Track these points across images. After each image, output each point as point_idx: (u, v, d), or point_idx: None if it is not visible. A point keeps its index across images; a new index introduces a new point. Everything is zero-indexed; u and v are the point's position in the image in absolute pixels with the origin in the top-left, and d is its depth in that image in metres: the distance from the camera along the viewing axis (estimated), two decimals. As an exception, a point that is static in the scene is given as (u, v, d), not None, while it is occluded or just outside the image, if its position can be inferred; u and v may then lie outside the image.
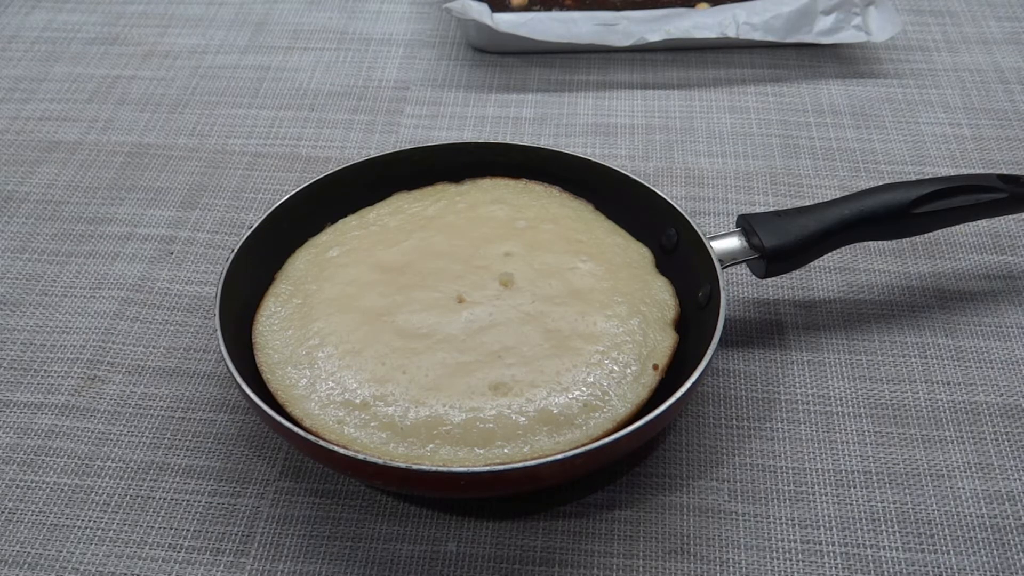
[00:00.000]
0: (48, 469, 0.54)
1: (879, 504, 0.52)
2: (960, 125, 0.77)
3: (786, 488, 0.52)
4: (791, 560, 0.49)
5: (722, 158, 0.74)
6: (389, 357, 0.52)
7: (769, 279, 0.60)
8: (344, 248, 0.58)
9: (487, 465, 0.47)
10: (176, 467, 0.54)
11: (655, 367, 0.52)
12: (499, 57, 0.84)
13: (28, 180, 0.72)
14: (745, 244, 0.57)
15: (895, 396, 0.57)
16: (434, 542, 0.50)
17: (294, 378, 0.51)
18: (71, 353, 0.60)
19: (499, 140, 0.71)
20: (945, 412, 0.56)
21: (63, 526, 0.51)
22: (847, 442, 0.54)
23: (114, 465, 0.54)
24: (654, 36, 0.81)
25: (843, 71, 0.83)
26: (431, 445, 0.48)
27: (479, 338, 0.52)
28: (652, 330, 0.54)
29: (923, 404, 0.56)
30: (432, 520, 0.51)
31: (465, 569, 0.49)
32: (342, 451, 0.46)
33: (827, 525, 0.51)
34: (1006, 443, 0.54)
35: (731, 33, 0.80)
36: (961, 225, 0.65)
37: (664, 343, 0.53)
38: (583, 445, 0.47)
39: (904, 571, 0.49)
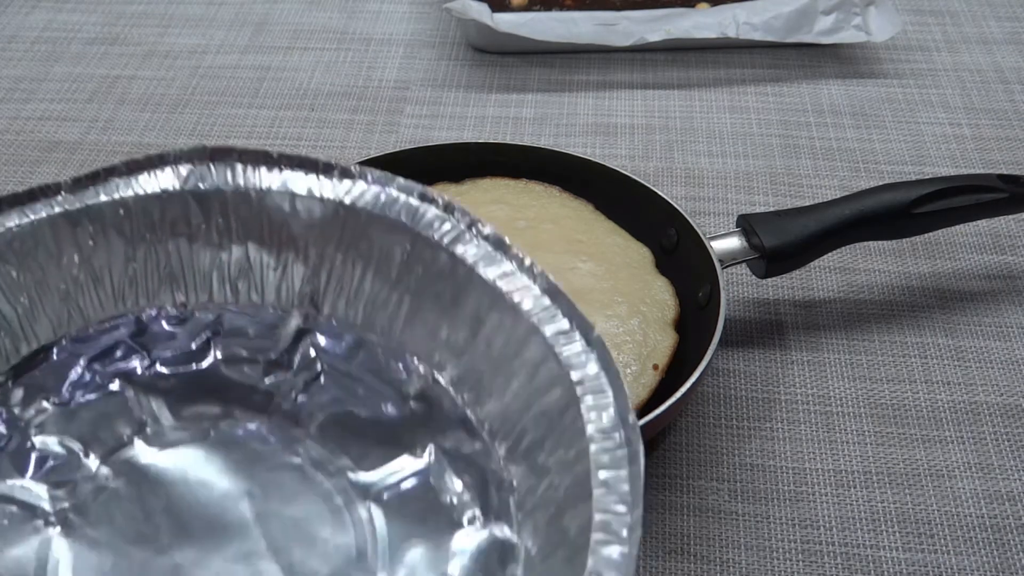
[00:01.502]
0: (48, 469, 0.54)
1: (879, 504, 0.52)
2: (960, 125, 0.77)
3: (786, 488, 0.52)
4: (791, 560, 0.49)
5: (722, 158, 0.74)
6: (389, 357, 0.52)
7: (769, 279, 0.60)
8: (344, 248, 0.58)
9: (487, 465, 0.47)
10: (176, 467, 0.54)
11: (655, 367, 0.52)
12: (499, 57, 0.84)
13: (28, 180, 0.72)
14: (745, 244, 0.57)
15: (895, 396, 0.57)
16: (434, 542, 0.50)
17: (294, 378, 0.51)
18: (71, 353, 0.60)
19: (499, 140, 0.71)
20: (945, 412, 0.56)
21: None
22: (847, 442, 0.54)
23: (114, 465, 0.54)
24: (654, 36, 0.81)
25: (843, 71, 0.83)
26: (431, 445, 0.48)
27: (479, 338, 0.52)
28: (652, 330, 0.54)
29: (923, 404, 0.56)
30: (432, 520, 0.51)
31: (465, 569, 0.49)
32: (342, 451, 0.46)
33: (827, 525, 0.51)
34: (1006, 443, 0.54)
35: (731, 33, 0.80)
36: (961, 225, 0.65)
37: (664, 343, 0.53)
38: (583, 445, 0.47)
39: (904, 571, 0.49)
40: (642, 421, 0.47)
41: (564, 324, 0.38)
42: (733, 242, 0.57)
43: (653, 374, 0.52)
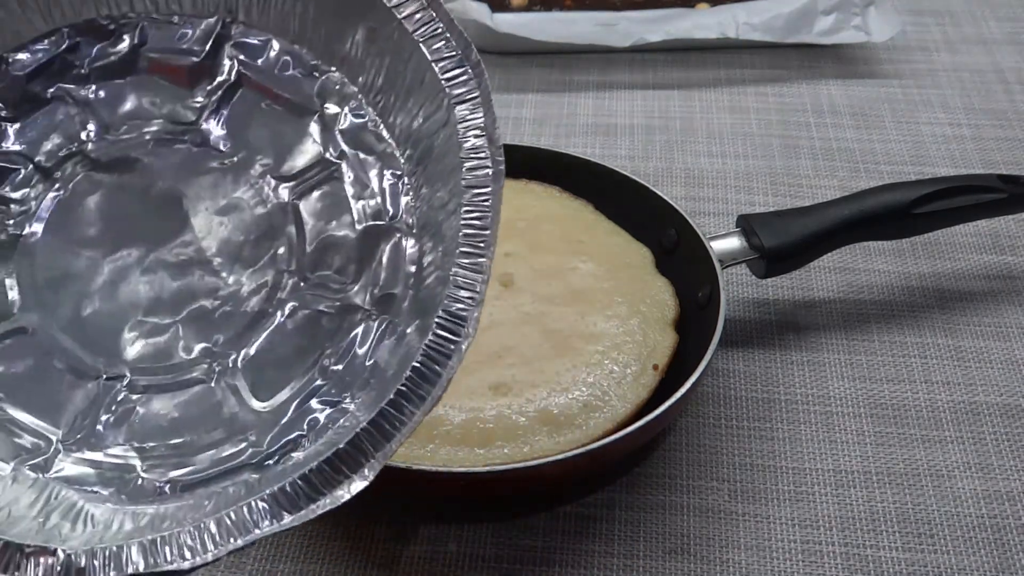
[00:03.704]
0: (48, 469, 0.54)
1: (879, 504, 0.52)
2: (960, 125, 0.77)
3: (786, 488, 0.52)
4: (791, 560, 0.49)
5: (722, 158, 0.74)
6: (389, 357, 0.52)
7: (769, 279, 0.60)
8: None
9: (487, 465, 0.47)
10: (176, 467, 0.54)
11: (655, 367, 0.52)
12: (499, 57, 0.84)
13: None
14: (745, 244, 0.57)
15: (895, 396, 0.57)
16: (434, 542, 0.50)
17: (294, 378, 0.51)
18: (71, 353, 0.60)
19: (499, 140, 0.71)
20: (945, 412, 0.56)
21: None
22: (847, 442, 0.54)
23: (114, 465, 0.54)
24: (654, 36, 0.81)
25: (843, 71, 0.83)
26: (431, 445, 0.48)
27: (479, 338, 0.52)
28: (652, 330, 0.54)
29: (923, 404, 0.56)
30: (432, 520, 0.51)
31: (465, 569, 0.49)
32: (342, 451, 0.46)
33: (827, 525, 0.51)
34: (1006, 443, 0.54)
35: (731, 33, 0.80)
36: (961, 225, 0.65)
37: (664, 343, 0.53)
38: (583, 445, 0.47)
39: (904, 571, 0.49)
40: (642, 421, 0.47)
41: (442, 42, 0.42)
42: (733, 242, 0.57)
43: (653, 374, 0.52)
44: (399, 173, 0.45)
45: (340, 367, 0.43)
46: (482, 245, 0.39)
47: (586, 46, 0.82)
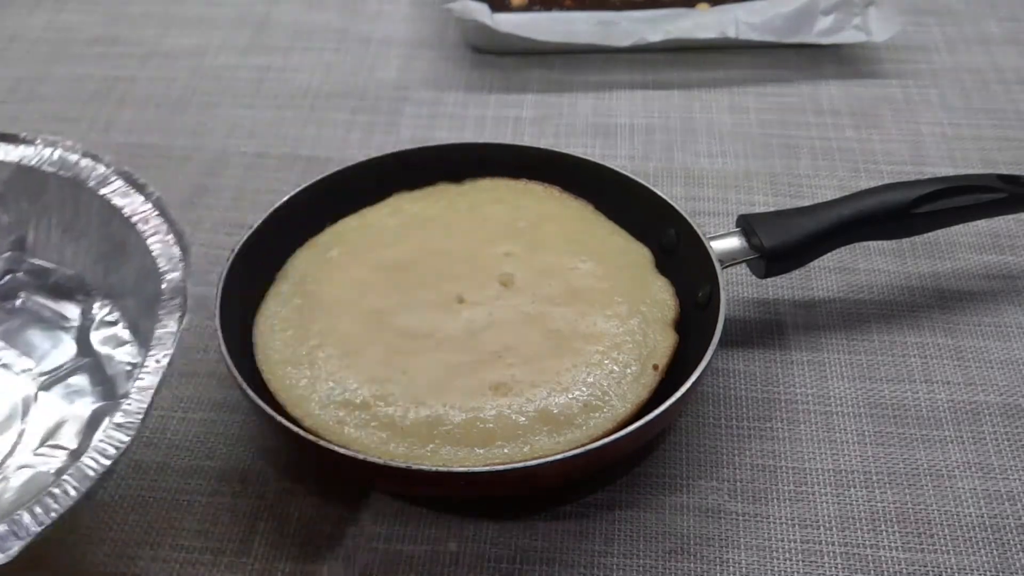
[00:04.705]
0: (48, 469, 0.54)
1: (879, 504, 0.52)
2: (960, 125, 0.77)
3: (786, 488, 0.52)
4: (791, 560, 0.49)
5: (722, 158, 0.74)
6: (389, 357, 0.52)
7: (769, 279, 0.60)
8: (344, 248, 0.58)
9: (487, 465, 0.47)
10: (176, 467, 0.54)
11: (655, 367, 0.52)
12: (499, 57, 0.84)
13: (28, 180, 0.72)
14: (745, 244, 0.57)
15: (895, 396, 0.57)
16: (434, 542, 0.50)
17: (294, 378, 0.51)
18: (71, 353, 0.60)
19: (499, 140, 0.71)
20: (945, 412, 0.56)
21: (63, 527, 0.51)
22: (847, 442, 0.54)
23: (114, 465, 0.54)
24: (654, 36, 0.81)
25: (843, 71, 0.83)
26: (431, 445, 0.48)
27: (479, 338, 0.52)
28: (652, 330, 0.54)
29: (923, 404, 0.56)
30: (432, 520, 0.51)
31: (465, 569, 0.49)
32: (342, 451, 0.46)
33: (827, 525, 0.51)
34: (1006, 443, 0.54)
35: (731, 33, 0.80)
36: (961, 225, 0.65)
37: (664, 343, 0.53)
38: (583, 445, 0.47)
39: (904, 571, 0.49)
40: (642, 421, 0.47)
41: (170, 237, 0.50)
42: (733, 242, 0.57)
43: (653, 374, 0.52)
44: (134, 361, 0.52)
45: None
46: (130, 425, 0.43)
47: (586, 46, 0.82)
